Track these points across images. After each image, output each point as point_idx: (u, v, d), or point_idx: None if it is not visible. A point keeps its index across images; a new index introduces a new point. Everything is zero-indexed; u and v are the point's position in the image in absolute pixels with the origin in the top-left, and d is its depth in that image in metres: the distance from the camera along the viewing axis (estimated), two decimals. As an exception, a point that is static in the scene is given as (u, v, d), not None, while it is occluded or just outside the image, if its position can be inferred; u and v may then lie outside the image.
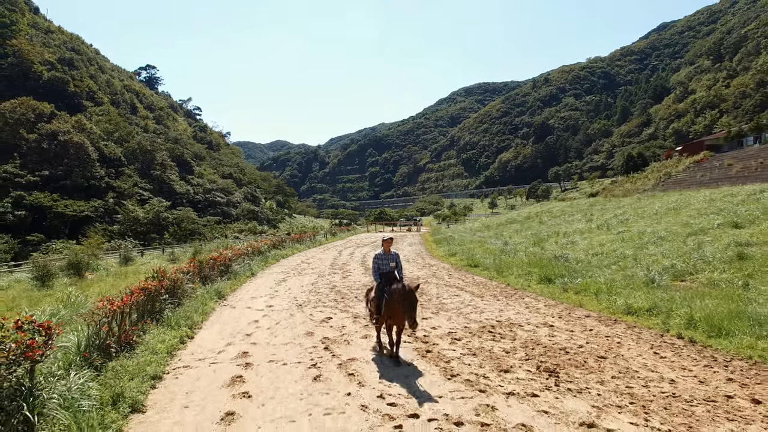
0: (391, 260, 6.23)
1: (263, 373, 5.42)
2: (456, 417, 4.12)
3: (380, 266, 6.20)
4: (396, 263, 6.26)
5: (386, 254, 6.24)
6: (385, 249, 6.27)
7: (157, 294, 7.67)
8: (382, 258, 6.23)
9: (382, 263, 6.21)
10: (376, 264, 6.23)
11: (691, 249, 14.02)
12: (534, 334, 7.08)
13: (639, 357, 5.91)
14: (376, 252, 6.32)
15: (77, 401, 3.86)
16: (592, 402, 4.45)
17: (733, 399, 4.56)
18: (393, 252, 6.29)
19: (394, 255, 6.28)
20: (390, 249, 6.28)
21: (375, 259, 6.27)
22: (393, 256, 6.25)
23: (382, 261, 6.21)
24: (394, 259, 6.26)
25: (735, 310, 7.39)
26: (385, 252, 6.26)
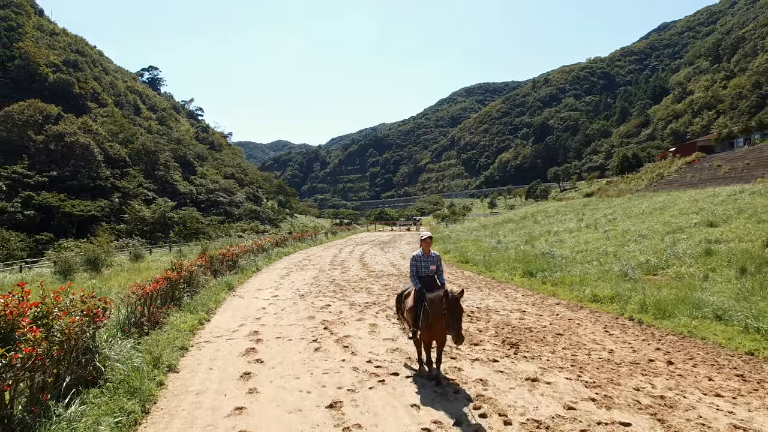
0: (432, 262, 5.40)
1: (272, 346, 6.48)
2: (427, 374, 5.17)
3: (419, 269, 5.37)
4: (437, 266, 5.45)
5: (425, 255, 5.41)
6: (423, 249, 5.45)
7: (177, 283, 8.74)
8: (421, 259, 5.40)
9: (422, 265, 5.38)
10: (414, 266, 5.40)
11: (667, 246, 15.03)
12: (507, 317, 8.13)
13: (591, 334, 6.96)
14: (414, 253, 5.52)
15: (130, 359, 4.93)
16: (540, 365, 5.51)
17: (654, 362, 5.61)
18: (433, 253, 5.48)
19: (435, 257, 5.47)
20: (429, 249, 5.46)
21: (413, 260, 5.45)
22: (434, 258, 5.44)
23: (421, 263, 5.38)
24: (435, 261, 5.44)
25: (681, 296, 8.44)
26: (424, 253, 5.44)
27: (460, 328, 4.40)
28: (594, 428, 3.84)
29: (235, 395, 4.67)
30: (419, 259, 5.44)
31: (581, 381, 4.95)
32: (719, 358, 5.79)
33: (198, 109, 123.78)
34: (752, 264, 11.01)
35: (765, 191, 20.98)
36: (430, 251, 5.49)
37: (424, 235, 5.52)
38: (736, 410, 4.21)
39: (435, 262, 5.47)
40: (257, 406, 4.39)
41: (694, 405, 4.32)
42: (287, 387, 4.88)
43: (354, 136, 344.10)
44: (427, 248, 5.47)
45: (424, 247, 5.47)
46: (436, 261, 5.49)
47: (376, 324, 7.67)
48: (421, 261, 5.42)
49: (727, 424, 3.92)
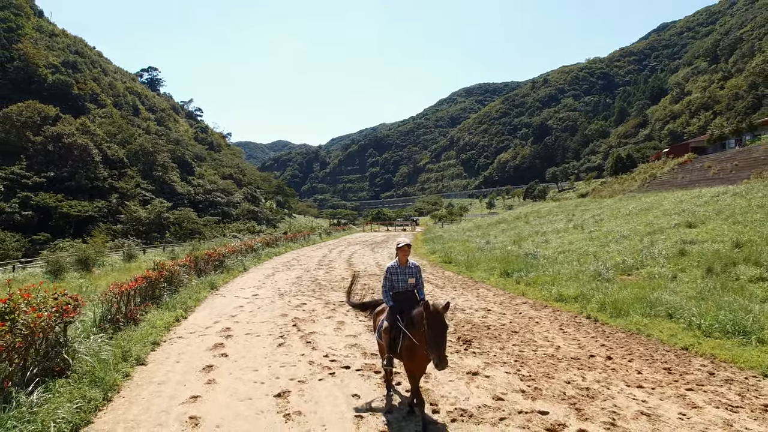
0: (410, 274, 4.54)
1: (240, 342, 6.87)
2: (377, 368, 5.55)
3: (394, 283, 4.53)
4: (417, 279, 4.60)
5: (402, 266, 4.55)
6: (399, 259, 4.58)
7: (157, 282, 9.12)
8: (397, 271, 4.54)
9: (397, 279, 4.52)
10: (387, 280, 4.55)
11: (644, 246, 15.39)
12: (471, 316, 8.51)
13: (546, 332, 7.33)
14: (388, 264, 4.66)
15: (99, 353, 5.31)
16: (485, 360, 5.88)
17: (594, 357, 5.98)
18: (412, 263, 4.62)
19: (414, 268, 4.62)
20: (408, 259, 4.60)
21: (387, 273, 4.58)
22: (412, 269, 4.59)
23: (397, 276, 4.52)
24: (414, 272, 4.58)
25: (640, 296, 8.80)
26: (400, 263, 4.57)
27: (443, 349, 3.60)
28: (514, 416, 4.21)
29: (194, 385, 5.05)
30: (394, 271, 4.54)
31: (518, 375, 5.32)
32: (656, 353, 6.16)
33: (197, 109, 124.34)
34: (719, 264, 11.38)
35: (746, 192, 21.33)
36: (409, 261, 4.59)
37: (401, 243, 4.60)
38: (649, 399, 4.58)
39: (414, 274, 4.56)
40: (212, 395, 4.77)
41: (614, 395, 4.69)
42: (244, 378, 5.26)
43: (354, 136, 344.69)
44: (404, 258, 4.56)
45: (401, 257, 4.56)
46: (416, 273, 4.59)
47: (344, 321, 8.05)
48: (396, 273, 4.53)
49: (636, 411, 4.29)
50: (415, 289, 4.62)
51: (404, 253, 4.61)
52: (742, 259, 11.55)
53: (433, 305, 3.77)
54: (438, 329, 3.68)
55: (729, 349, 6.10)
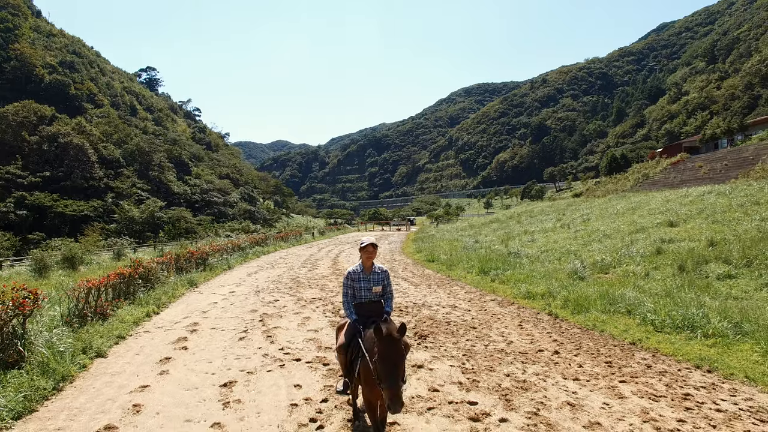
0: (376, 282, 3.76)
1: (203, 336, 7.06)
2: (326, 360, 5.74)
3: (356, 291, 3.75)
4: (384, 287, 3.82)
5: (366, 272, 3.76)
6: (363, 263, 3.80)
7: (131, 279, 9.31)
8: (360, 278, 3.74)
9: (360, 287, 3.74)
10: (348, 288, 3.77)
11: (624, 245, 15.57)
12: (435, 312, 8.69)
13: (504, 328, 7.51)
14: (350, 268, 3.85)
15: (56, 345, 5.50)
16: (434, 354, 6.07)
17: (542, 351, 6.16)
18: (378, 268, 3.82)
19: (381, 273, 3.81)
20: (373, 263, 3.81)
21: (346, 280, 3.78)
22: (379, 276, 3.79)
23: (360, 283, 3.74)
24: (381, 280, 3.79)
25: (603, 293, 8.98)
26: (363, 268, 3.78)
27: (397, 386, 2.87)
28: (443, 406, 4.40)
29: (147, 376, 5.24)
30: (356, 277, 3.74)
31: (462, 368, 5.51)
32: (603, 347, 6.34)
33: (195, 109, 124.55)
34: (691, 262, 11.57)
35: (729, 192, 21.52)
36: (375, 266, 3.81)
37: (364, 242, 3.75)
38: (580, 391, 4.77)
39: (381, 281, 3.77)
40: (161, 385, 4.96)
41: (547, 387, 4.87)
42: (196, 369, 5.46)
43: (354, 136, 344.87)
44: (368, 261, 3.76)
45: (364, 260, 3.78)
46: (383, 279, 3.79)
47: (309, 317, 8.24)
48: (359, 280, 3.73)
49: (562, 401, 4.48)
50: (382, 298, 3.81)
51: (368, 255, 3.74)
52: (714, 257, 11.75)
53: (386, 329, 3.00)
54: (391, 359, 2.92)
55: (673, 343, 6.29)
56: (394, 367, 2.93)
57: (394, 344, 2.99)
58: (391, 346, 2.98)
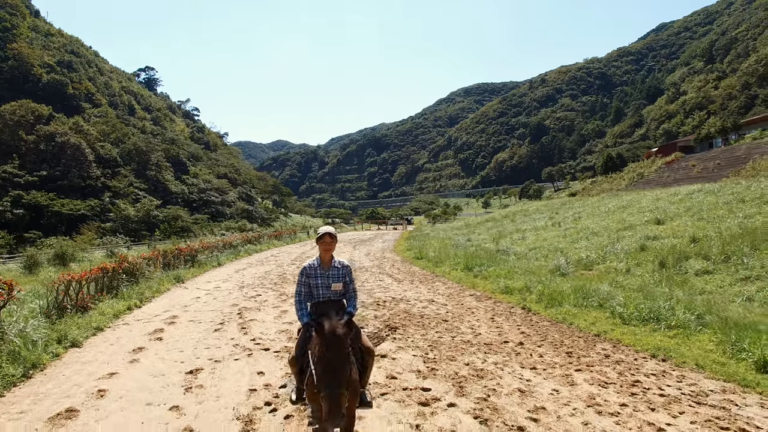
0: (335, 278, 3.34)
1: (180, 328, 7.21)
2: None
3: (312, 289, 3.36)
4: (346, 284, 3.39)
5: (324, 267, 3.35)
6: (321, 257, 3.37)
7: (115, 273, 9.46)
8: (317, 274, 3.34)
9: (317, 284, 3.34)
10: (303, 286, 3.37)
11: (610, 242, 15.74)
12: (412, 306, 8.85)
13: (475, 321, 7.66)
14: (305, 263, 3.43)
15: (29, 335, 5.65)
16: (401, 345, 6.22)
17: (507, 343, 6.31)
18: (338, 263, 3.40)
19: (342, 269, 3.39)
20: (332, 256, 3.37)
21: (302, 275, 3.38)
22: (339, 272, 3.37)
23: (317, 280, 3.33)
24: (341, 276, 3.36)
25: (578, 287, 9.13)
26: (321, 263, 3.36)
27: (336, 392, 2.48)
28: (396, 392, 4.55)
29: (117, 364, 5.40)
30: (312, 272, 3.33)
31: (424, 358, 5.66)
32: (568, 339, 6.49)
33: (194, 109, 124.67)
34: (672, 258, 11.73)
35: (718, 190, 21.65)
36: (335, 260, 3.38)
37: (321, 231, 3.35)
38: (534, 379, 4.92)
39: (341, 277, 3.34)
40: (130, 372, 5.12)
41: (502, 376, 5.02)
42: (166, 358, 5.61)
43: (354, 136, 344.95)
44: (326, 254, 3.33)
45: (322, 253, 3.33)
46: (343, 276, 3.36)
47: (288, 311, 8.40)
48: (316, 276, 3.31)
49: (514, 388, 4.63)
50: (344, 297, 3.39)
51: (326, 247, 3.29)
52: (694, 254, 11.90)
53: (329, 325, 2.62)
54: (331, 361, 2.53)
55: (636, 334, 6.44)
56: (333, 370, 2.51)
57: (336, 344, 2.56)
58: (333, 345, 2.56)
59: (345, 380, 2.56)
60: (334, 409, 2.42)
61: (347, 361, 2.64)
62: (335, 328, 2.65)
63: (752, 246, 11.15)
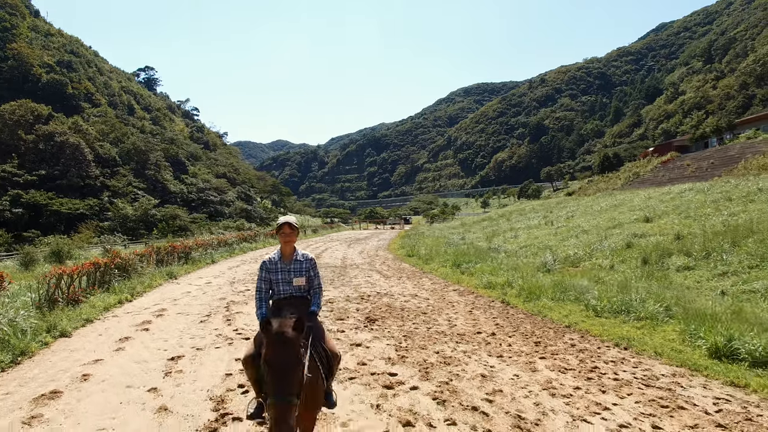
0: (298, 273, 3.12)
1: (167, 320, 7.47)
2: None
3: (273, 285, 3.13)
4: (310, 278, 3.16)
5: (285, 261, 3.13)
6: (282, 249, 3.16)
7: (107, 268, 9.71)
8: (278, 268, 3.12)
9: (278, 279, 3.10)
10: (264, 281, 3.13)
11: (598, 240, 15.98)
12: (395, 300, 9.10)
13: (453, 313, 7.91)
14: (266, 257, 3.20)
15: (20, 325, 5.91)
16: (377, 335, 6.47)
17: (480, 333, 6.56)
18: (302, 256, 3.18)
19: (305, 263, 3.16)
20: (294, 248, 3.17)
21: (261, 270, 3.14)
22: (302, 265, 3.14)
23: (277, 274, 3.11)
24: (304, 270, 3.14)
25: (558, 282, 9.37)
26: (282, 255, 3.15)
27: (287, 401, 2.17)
28: (364, 377, 4.80)
29: (103, 352, 5.65)
30: (272, 267, 3.11)
31: (397, 346, 5.91)
32: (539, 330, 6.74)
33: (194, 109, 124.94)
34: (656, 255, 11.99)
35: (708, 189, 21.89)
36: (297, 252, 3.17)
37: (281, 221, 3.11)
38: (498, 366, 5.16)
39: (304, 271, 3.12)
40: (114, 359, 5.37)
41: (468, 363, 5.27)
42: (151, 347, 5.87)
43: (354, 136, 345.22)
44: (287, 247, 3.12)
45: (283, 245, 3.13)
46: (307, 270, 3.14)
47: (273, 304, 8.64)
48: (276, 271, 3.10)
49: (477, 374, 4.88)
50: (308, 293, 3.15)
51: (285, 239, 3.08)
52: (677, 250, 12.13)
53: (278, 324, 2.32)
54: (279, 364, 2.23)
55: (605, 325, 6.69)
56: (282, 376, 2.20)
57: (285, 345, 2.25)
58: (281, 347, 2.25)
59: (296, 388, 2.22)
60: (281, 422, 2.09)
61: (298, 366, 2.27)
62: (284, 327, 2.29)
63: (733, 243, 11.39)
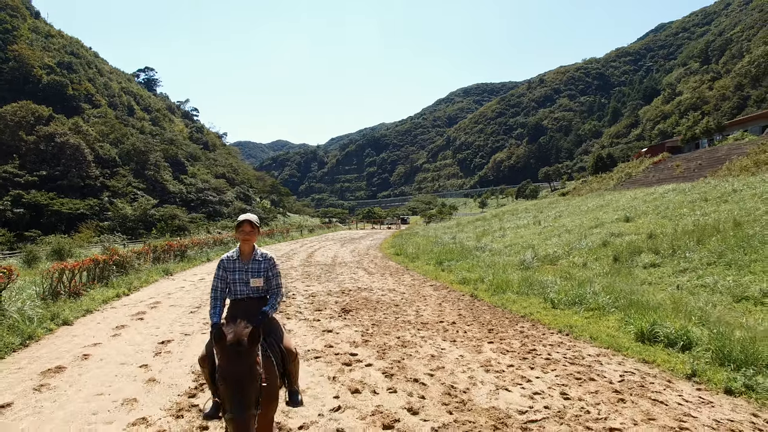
0: (255, 273, 3.03)
1: (161, 311, 8.17)
2: (256, 326, 6.86)
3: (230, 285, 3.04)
4: (267, 279, 3.07)
5: (243, 260, 3.05)
6: (240, 248, 3.08)
7: (106, 264, 10.41)
8: (236, 267, 3.03)
9: (235, 279, 3.02)
10: (221, 280, 3.03)
11: (578, 239, 16.67)
12: (372, 294, 9.79)
13: (424, 306, 8.60)
14: (224, 255, 3.11)
15: (27, 313, 6.61)
16: (347, 323, 7.17)
17: (442, 322, 7.26)
18: (261, 255, 3.09)
19: (264, 262, 3.07)
20: (253, 248, 3.08)
21: (219, 269, 3.04)
22: (260, 265, 3.05)
23: (235, 274, 3.02)
24: (263, 270, 3.05)
25: (525, 278, 10.07)
26: (241, 254, 3.07)
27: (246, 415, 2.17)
28: (327, 356, 5.49)
29: (101, 337, 6.35)
30: (230, 266, 3.03)
31: (363, 333, 6.61)
32: (497, 319, 7.43)
33: (193, 109, 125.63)
34: (627, 253, 12.69)
35: (689, 190, 22.57)
36: (255, 251, 3.09)
37: (240, 218, 3.02)
38: (448, 348, 5.86)
39: (262, 271, 3.05)
40: (111, 343, 6.07)
41: (423, 346, 5.96)
42: (144, 332, 6.57)
43: (353, 136, 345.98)
44: (246, 245, 3.06)
45: (242, 243, 3.06)
46: (266, 270, 3.06)
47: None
48: (234, 270, 3.02)
49: (428, 354, 5.57)
50: (267, 294, 3.08)
51: (245, 237, 3.01)
52: (647, 248, 12.83)
53: (233, 333, 2.28)
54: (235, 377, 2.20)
55: (556, 316, 7.38)
56: (239, 390, 2.18)
57: (240, 357, 2.21)
58: (235, 359, 2.21)
59: (254, 401, 2.21)
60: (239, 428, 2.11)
61: (255, 378, 2.23)
62: (239, 337, 2.24)
63: (698, 241, 12.09)
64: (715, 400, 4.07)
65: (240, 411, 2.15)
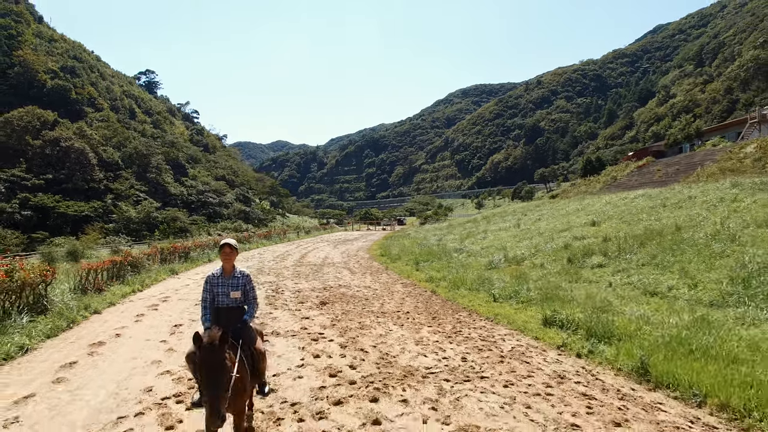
0: (235, 286, 3.76)
1: (171, 304, 9.91)
2: (248, 315, 8.61)
3: (215, 296, 3.77)
4: (245, 292, 3.80)
5: (225, 276, 3.78)
6: (223, 266, 3.81)
7: (122, 265, 12.17)
8: (219, 282, 3.77)
9: (218, 292, 3.76)
10: (208, 293, 3.79)
11: (546, 242, 18.35)
12: (349, 290, 11.54)
13: (389, 299, 10.34)
14: (209, 272, 3.89)
15: (68, 303, 8.36)
16: (322, 312, 8.91)
17: (398, 312, 8.99)
18: (239, 272, 3.83)
19: (242, 277, 3.81)
20: (234, 266, 3.82)
21: (206, 284, 3.82)
22: (239, 280, 3.79)
23: (219, 288, 3.76)
24: (241, 284, 3.78)
25: (480, 276, 11.80)
26: (223, 271, 3.80)
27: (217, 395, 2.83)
28: (302, 335, 7.22)
29: (126, 322, 8.10)
30: (215, 281, 3.77)
31: (332, 318, 8.35)
32: (443, 310, 9.17)
33: (194, 111, 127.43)
34: (580, 255, 14.40)
35: (655, 195, 24.25)
36: (236, 269, 3.81)
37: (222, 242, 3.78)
38: (395, 329, 7.59)
39: (240, 286, 3.75)
40: (135, 326, 7.81)
41: (375, 327, 7.69)
42: (159, 319, 8.32)
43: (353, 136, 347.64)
44: (227, 264, 3.77)
45: (224, 262, 3.78)
46: (243, 284, 3.77)
47: (252, 293, 11.09)
48: (217, 284, 3.75)
49: (377, 333, 7.31)
50: (244, 304, 3.79)
51: (226, 257, 3.73)
52: (599, 251, 14.54)
53: (208, 336, 2.99)
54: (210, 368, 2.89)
55: (494, 308, 9.10)
56: (211, 377, 2.87)
57: (213, 352, 2.92)
58: (210, 355, 2.91)
59: (224, 384, 2.91)
60: (212, 413, 2.78)
61: (225, 368, 2.94)
62: (212, 339, 2.96)
63: (641, 244, 13.81)
64: (565, 360, 5.82)
65: (212, 392, 2.82)
